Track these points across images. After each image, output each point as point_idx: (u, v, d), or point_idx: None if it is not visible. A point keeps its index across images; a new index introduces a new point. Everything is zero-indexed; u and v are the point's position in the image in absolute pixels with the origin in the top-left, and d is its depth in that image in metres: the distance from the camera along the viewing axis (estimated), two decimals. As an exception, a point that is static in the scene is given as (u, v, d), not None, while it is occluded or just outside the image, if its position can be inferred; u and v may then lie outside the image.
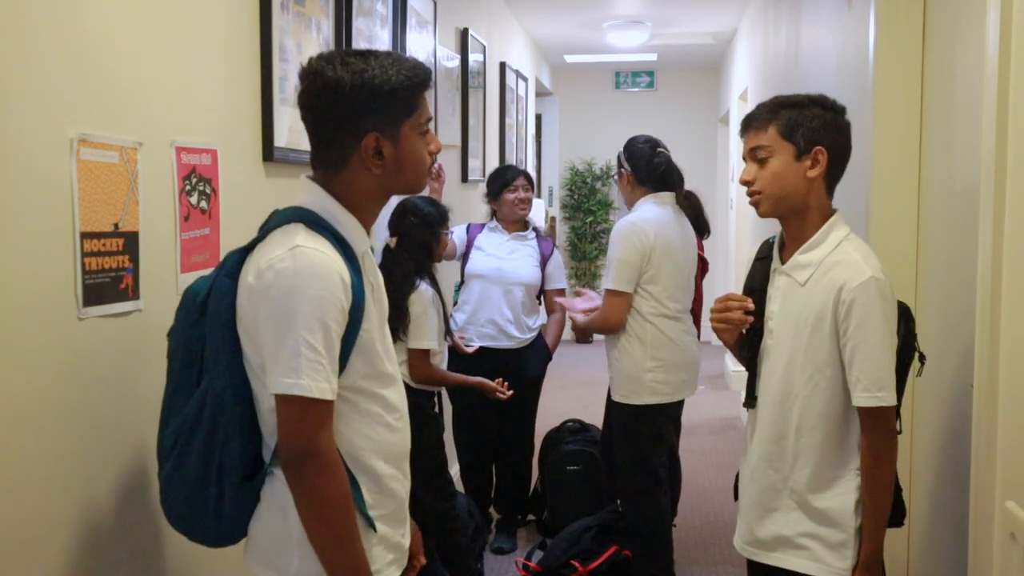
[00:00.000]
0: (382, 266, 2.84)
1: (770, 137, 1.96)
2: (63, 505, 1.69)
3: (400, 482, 1.69)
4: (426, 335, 3.09)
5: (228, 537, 1.68)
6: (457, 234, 4.01)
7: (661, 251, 3.22)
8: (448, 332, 3.28)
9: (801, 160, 1.95)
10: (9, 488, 1.55)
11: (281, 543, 1.59)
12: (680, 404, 3.45)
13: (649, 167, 3.35)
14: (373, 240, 1.73)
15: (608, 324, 3.27)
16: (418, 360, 3.11)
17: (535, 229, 4.13)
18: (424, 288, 3.08)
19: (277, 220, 1.60)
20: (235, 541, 1.69)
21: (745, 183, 2.02)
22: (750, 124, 2.01)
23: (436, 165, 3.68)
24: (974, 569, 1.82)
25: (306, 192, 1.62)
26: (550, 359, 4.15)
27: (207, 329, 1.59)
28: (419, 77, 1.61)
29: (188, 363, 1.62)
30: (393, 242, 3.13)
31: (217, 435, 1.58)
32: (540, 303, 4.14)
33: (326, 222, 1.58)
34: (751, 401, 2.11)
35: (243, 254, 1.59)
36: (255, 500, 1.63)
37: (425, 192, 3.46)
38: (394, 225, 3.16)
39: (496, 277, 3.94)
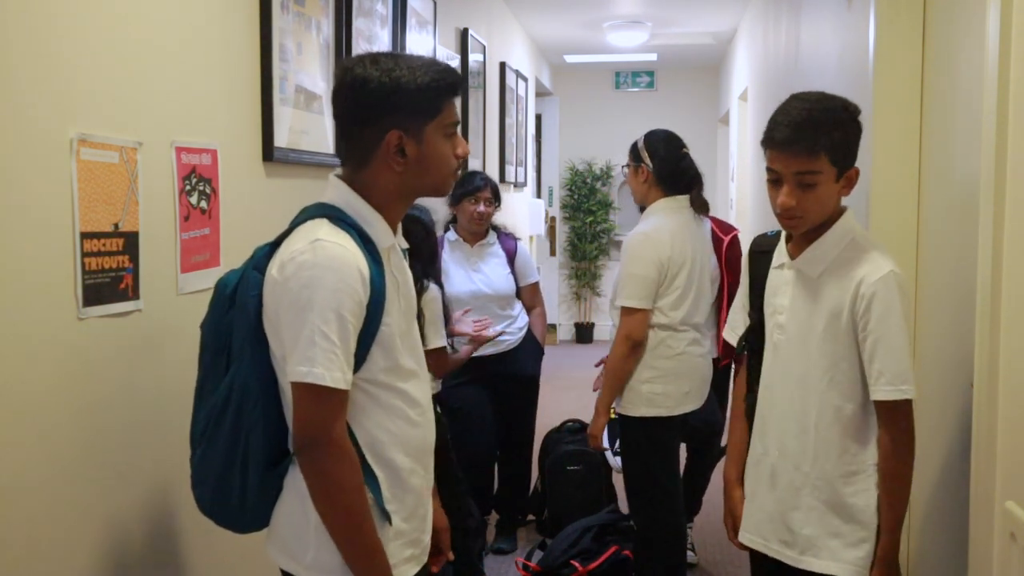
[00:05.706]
0: None
1: (821, 164, 1.89)
2: (63, 505, 1.69)
3: (421, 477, 1.70)
4: (443, 333, 3.20)
5: (253, 523, 1.71)
6: None
7: (676, 264, 3.04)
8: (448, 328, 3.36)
9: (839, 182, 1.93)
10: (8, 487, 1.56)
11: (299, 532, 1.62)
12: (685, 416, 3.19)
13: (675, 169, 3.15)
14: (400, 239, 1.74)
15: (629, 342, 3.02)
16: (442, 357, 3.24)
17: (494, 228, 4.04)
18: (433, 287, 3.15)
19: (304, 216, 1.64)
20: (260, 528, 1.72)
21: (787, 208, 1.91)
22: (794, 144, 1.89)
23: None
24: (974, 569, 1.82)
25: (333, 189, 1.66)
26: (543, 354, 4.14)
27: (235, 320, 1.63)
28: (447, 80, 1.64)
29: (217, 353, 1.66)
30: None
31: (242, 423, 1.62)
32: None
33: (350, 218, 1.61)
34: (752, 397, 2.12)
35: (271, 248, 1.63)
36: (279, 488, 1.66)
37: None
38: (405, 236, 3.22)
39: (470, 299, 3.89)
